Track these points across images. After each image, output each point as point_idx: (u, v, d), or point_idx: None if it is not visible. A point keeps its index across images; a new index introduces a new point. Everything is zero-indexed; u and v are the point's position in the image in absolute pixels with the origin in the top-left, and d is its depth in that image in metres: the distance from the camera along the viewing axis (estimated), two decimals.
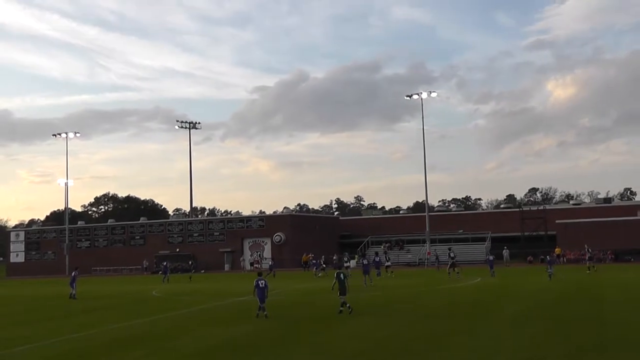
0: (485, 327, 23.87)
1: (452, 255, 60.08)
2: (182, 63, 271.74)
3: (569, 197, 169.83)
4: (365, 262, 51.46)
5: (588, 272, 56.17)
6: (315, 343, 21.80)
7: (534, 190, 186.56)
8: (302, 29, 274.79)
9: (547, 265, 49.24)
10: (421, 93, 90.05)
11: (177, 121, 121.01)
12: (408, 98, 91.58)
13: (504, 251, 77.41)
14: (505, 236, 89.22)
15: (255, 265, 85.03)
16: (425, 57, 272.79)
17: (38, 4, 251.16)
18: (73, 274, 47.06)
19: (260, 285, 28.60)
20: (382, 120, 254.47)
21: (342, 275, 29.62)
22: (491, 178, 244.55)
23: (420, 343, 20.72)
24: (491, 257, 57.83)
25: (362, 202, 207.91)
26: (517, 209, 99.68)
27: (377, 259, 63.22)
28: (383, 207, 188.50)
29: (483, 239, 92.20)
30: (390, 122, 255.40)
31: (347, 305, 28.88)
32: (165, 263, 71.70)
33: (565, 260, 77.77)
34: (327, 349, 20.33)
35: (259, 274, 30.65)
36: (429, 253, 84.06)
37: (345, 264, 62.63)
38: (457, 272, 55.16)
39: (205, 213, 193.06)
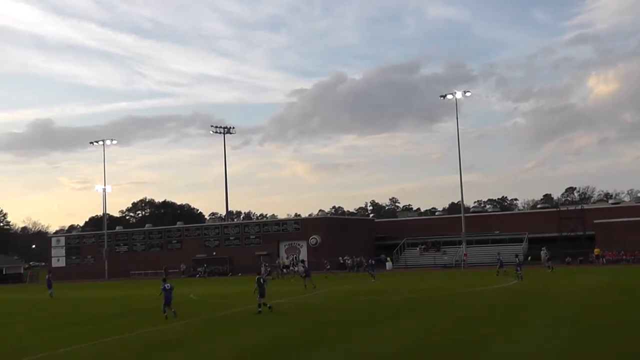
0: (522, 331, 23.60)
1: (499, 258, 61.35)
2: (217, 68, 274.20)
3: (607, 196, 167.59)
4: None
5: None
6: (349, 346, 21.75)
7: (571, 190, 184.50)
8: (336, 31, 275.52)
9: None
10: (455, 93, 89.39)
11: (212, 126, 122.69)
12: (442, 98, 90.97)
13: (542, 252, 76.60)
14: (543, 237, 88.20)
15: (291, 269, 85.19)
16: (464, 56, 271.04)
17: (76, 14, 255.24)
18: (47, 276, 54.10)
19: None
20: (420, 121, 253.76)
21: (262, 280, 33.91)
22: (529, 178, 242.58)
23: (454, 347, 20.52)
24: (519, 259, 57.75)
25: (397, 204, 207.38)
26: (555, 209, 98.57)
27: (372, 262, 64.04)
28: (418, 209, 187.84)
29: (520, 240, 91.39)
30: (427, 122, 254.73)
31: (268, 305, 33.15)
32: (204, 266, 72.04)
33: (604, 261, 76.87)
34: (360, 353, 20.25)
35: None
36: (465, 255, 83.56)
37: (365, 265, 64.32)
38: (505, 272, 56.72)
39: (241, 217, 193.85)
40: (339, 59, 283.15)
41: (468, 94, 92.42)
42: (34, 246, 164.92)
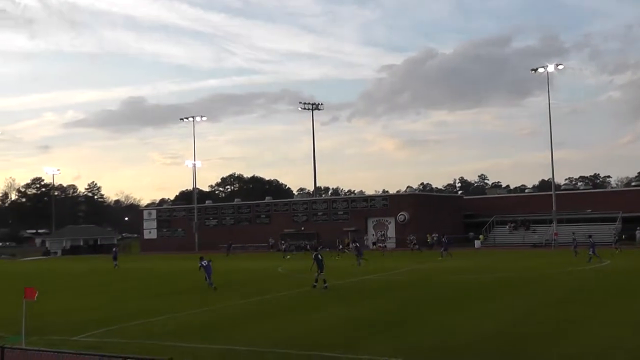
0: (615, 314, 23.21)
1: (574, 237, 60.58)
2: (306, 44, 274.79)
3: None
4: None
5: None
6: (439, 323, 21.79)
7: None
8: (426, 4, 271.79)
9: None
10: (547, 66, 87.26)
11: (300, 102, 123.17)
12: (533, 72, 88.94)
13: (638, 232, 74.58)
14: (638, 216, 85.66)
15: (379, 245, 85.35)
16: (557, 27, 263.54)
17: None
18: (114, 249, 63.53)
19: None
20: (511, 95, 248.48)
21: (319, 256, 34.86)
22: (623, 154, 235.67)
23: (544, 328, 20.32)
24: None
25: (486, 181, 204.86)
26: None
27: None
28: (508, 186, 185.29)
29: (613, 219, 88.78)
30: (519, 97, 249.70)
31: (325, 282, 33.87)
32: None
33: None
34: (450, 330, 20.30)
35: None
36: (555, 234, 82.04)
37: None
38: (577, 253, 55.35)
39: (329, 192, 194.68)
40: (429, 33, 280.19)
41: (560, 67, 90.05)
42: (126, 218, 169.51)
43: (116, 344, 19.25)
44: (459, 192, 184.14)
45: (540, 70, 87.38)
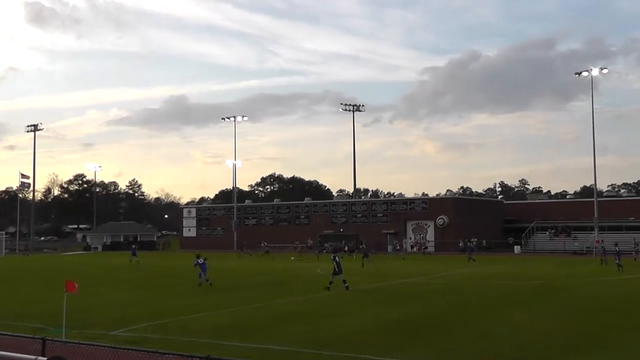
0: None
1: (602, 246, 60.86)
2: (349, 46, 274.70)
3: None
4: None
5: None
6: (477, 330, 21.61)
7: None
8: (470, 7, 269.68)
9: None
10: (591, 70, 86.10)
11: (342, 104, 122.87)
12: (577, 75, 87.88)
13: None
14: None
15: (422, 249, 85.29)
16: (603, 31, 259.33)
17: None
18: (133, 247, 67.86)
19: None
20: (555, 99, 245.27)
21: (337, 258, 35.88)
22: None
23: (584, 338, 20.04)
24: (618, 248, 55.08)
25: (526, 186, 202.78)
26: None
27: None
28: (549, 191, 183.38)
29: None
30: (562, 101, 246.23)
31: (345, 283, 34.58)
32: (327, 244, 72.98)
33: None
34: (488, 337, 20.10)
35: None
36: (597, 241, 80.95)
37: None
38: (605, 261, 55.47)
39: (369, 194, 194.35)
40: (473, 36, 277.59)
41: (605, 70, 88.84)
42: (166, 216, 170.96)
43: (154, 340, 19.39)
44: (499, 196, 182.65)
45: (585, 74, 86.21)
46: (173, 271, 52.23)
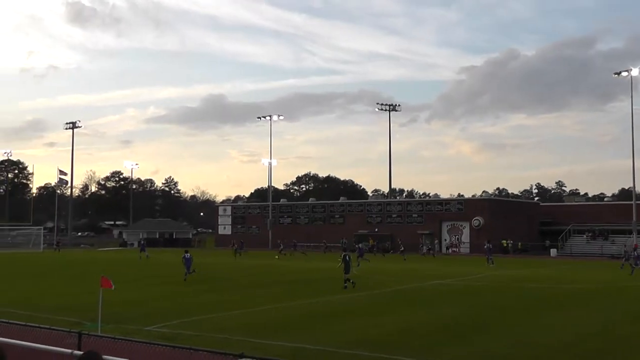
0: None
1: (626, 250, 59.02)
2: (385, 45, 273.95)
3: None
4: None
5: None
6: (513, 332, 21.42)
7: None
8: (508, 5, 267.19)
9: None
10: (630, 70, 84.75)
11: (378, 104, 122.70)
12: (616, 75, 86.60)
13: None
14: None
15: (452, 249, 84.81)
16: None
17: None
18: (142, 242, 74.38)
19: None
20: (593, 99, 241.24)
21: (347, 257, 35.76)
22: None
23: (621, 344, 19.73)
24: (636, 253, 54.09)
25: (563, 188, 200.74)
26: None
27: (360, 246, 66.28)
28: (586, 194, 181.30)
29: None
30: (601, 101, 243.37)
31: (351, 281, 34.72)
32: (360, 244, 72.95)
33: None
34: (525, 340, 19.88)
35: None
36: (635, 245, 79.81)
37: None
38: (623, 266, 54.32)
39: (404, 195, 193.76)
40: (511, 34, 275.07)
41: None
42: (201, 214, 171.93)
43: (188, 336, 19.48)
44: (536, 198, 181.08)
45: (624, 74, 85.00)
46: (207, 268, 52.44)
